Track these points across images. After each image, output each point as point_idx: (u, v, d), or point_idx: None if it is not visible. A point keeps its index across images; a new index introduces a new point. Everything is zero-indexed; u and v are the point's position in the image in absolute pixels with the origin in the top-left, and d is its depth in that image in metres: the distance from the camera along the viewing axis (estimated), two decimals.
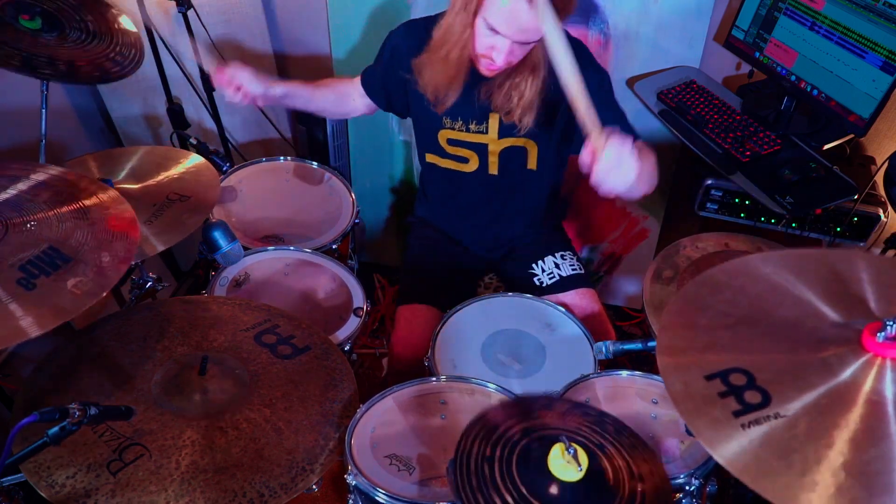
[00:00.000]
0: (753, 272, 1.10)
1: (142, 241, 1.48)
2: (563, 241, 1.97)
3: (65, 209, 1.27)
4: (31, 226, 1.23)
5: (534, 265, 1.87)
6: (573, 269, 1.86)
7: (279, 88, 1.73)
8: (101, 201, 1.33)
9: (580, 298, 1.81)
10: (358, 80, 1.84)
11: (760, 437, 0.86)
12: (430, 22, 1.64)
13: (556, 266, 1.86)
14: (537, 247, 1.90)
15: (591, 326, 1.69)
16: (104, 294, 1.15)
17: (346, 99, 1.86)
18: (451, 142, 1.75)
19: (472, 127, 1.70)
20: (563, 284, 1.83)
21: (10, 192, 1.29)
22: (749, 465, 0.83)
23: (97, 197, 1.33)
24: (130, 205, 1.52)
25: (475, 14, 1.43)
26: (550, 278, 1.84)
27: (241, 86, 1.65)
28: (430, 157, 1.82)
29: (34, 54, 1.59)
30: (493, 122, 1.69)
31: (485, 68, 1.53)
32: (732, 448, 0.85)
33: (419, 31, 1.65)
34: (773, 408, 0.88)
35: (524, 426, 1.07)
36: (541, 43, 1.45)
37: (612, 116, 1.61)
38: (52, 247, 1.19)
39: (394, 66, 1.71)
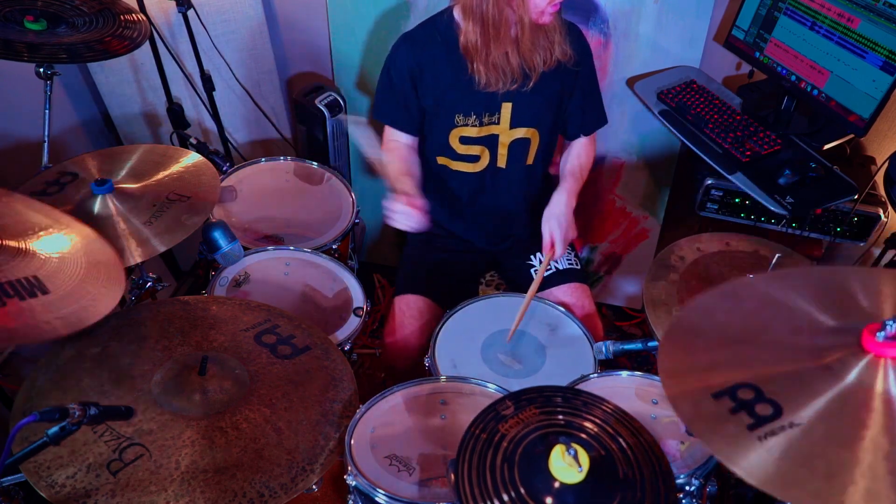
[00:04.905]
0: (742, 294, 1.10)
1: (142, 241, 1.48)
2: None
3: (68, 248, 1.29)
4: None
5: (532, 257, 1.88)
6: (569, 264, 1.87)
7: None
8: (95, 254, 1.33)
9: (573, 293, 1.82)
10: (390, 136, 1.82)
11: (779, 448, 0.85)
12: (430, 26, 1.68)
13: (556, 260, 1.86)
14: (537, 238, 1.91)
15: (582, 323, 1.69)
16: (64, 334, 1.15)
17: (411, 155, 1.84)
18: (463, 140, 1.77)
19: (486, 119, 1.73)
20: (559, 278, 1.84)
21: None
22: (772, 475, 0.83)
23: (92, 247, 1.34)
24: (130, 205, 1.54)
25: None
26: (547, 270, 1.85)
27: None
28: (441, 160, 1.83)
29: (53, 47, 1.62)
30: (506, 112, 1.72)
31: (549, 14, 1.57)
32: (753, 461, 0.85)
33: (422, 38, 1.68)
34: (786, 417, 0.88)
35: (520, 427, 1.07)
36: None
37: (596, 106, 1.87)
38: (37, 277, 1.20)
39: (409, 86, 1.72)
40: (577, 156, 1.89)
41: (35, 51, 1.60)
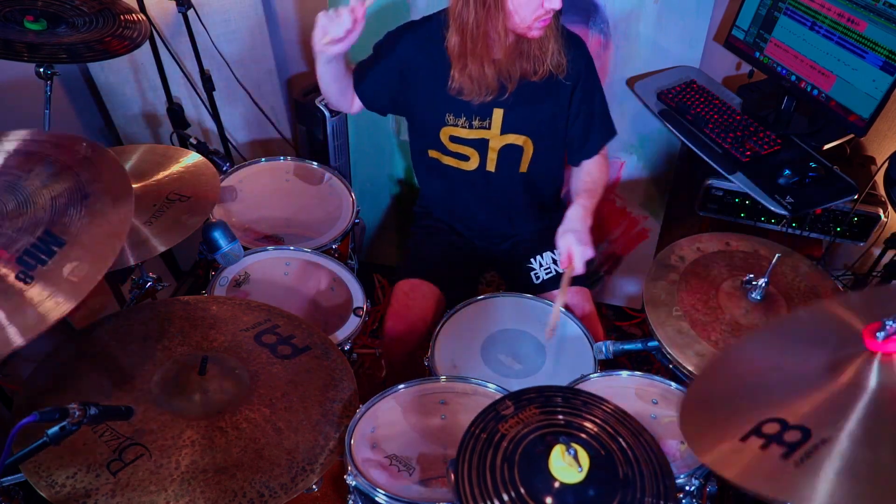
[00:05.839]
0: (738, 357, 1.11)
1: (142, 241, 1.48)
2: None
3: (59, 185, 1.22)
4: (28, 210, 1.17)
5: (532, 260, 1.87)
6: None
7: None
8: (95, 167, 1.26)
9: (574, 296, 1.81)
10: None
11: (822, 467, 0.83)
12: (434, 22, 1.68)
13: (554, 262, 1.86)
14: (537, 242, 1.91)
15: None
16: (100, 277, 1.10)
17: (349, 91, 1.80)
18: (452, 139, 1.76)
19: (476, 123, 1.72)
20: (559, 280, 1.83)
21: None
22: (824, 495, 0.81)
23: (90, 161, 1.28)
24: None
25: None
26: (547, 273, 1.84)
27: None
28: (432, 153, 1.83)
29: (53, 47, 1.62)
30: (497, 117, 1.70)
31: (537, 29, 1.55)
32: (802, 489, 0.82)
33: (424, 32, 1.69)
34: (816, 436, 0.86)
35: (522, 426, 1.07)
36: None
37: (598, 126, 1.81)
38: (48, 230, 1.15)
39: (395, 70, 1.71)
40: (587, 172, 1.82)
41: (35, 51, 1.60)
